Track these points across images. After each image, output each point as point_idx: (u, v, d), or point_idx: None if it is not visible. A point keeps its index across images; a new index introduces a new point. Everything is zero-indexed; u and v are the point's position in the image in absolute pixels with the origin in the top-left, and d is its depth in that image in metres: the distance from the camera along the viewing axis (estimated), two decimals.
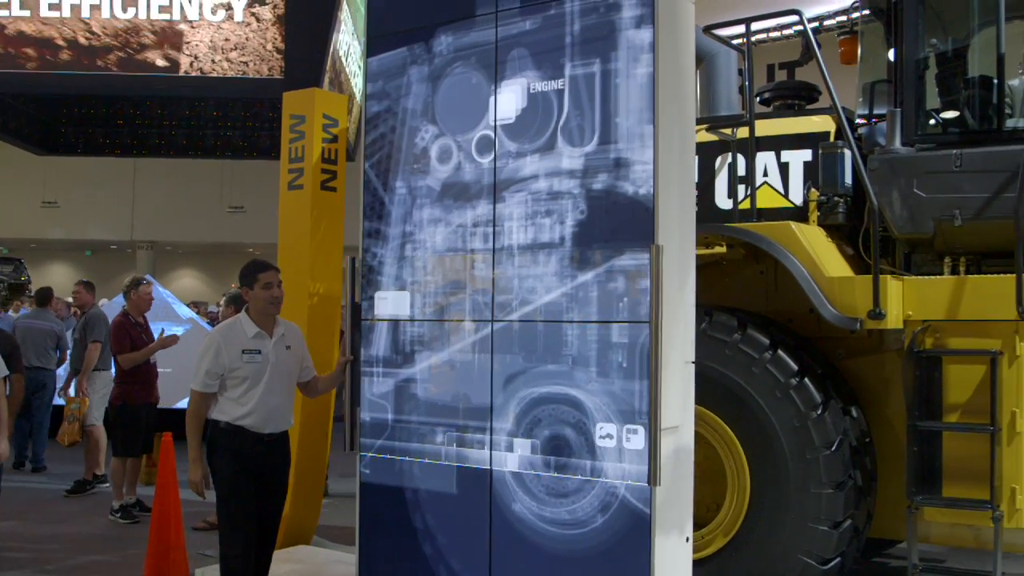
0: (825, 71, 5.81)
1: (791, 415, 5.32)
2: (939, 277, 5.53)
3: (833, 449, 5.24)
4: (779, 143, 6.25)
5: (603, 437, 4.17)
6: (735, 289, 6.16)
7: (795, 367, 5.38)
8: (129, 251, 30.83)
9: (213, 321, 14.69)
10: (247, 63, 15.37)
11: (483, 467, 4.56)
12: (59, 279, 28.11)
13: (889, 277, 5.41)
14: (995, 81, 5.58)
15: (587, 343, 4.25)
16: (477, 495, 4.57)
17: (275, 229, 6.75)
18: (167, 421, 8.26)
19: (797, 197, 6.17)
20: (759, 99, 6.82)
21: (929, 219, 5.54)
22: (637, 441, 4.07)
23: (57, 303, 13.09)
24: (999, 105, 5.59)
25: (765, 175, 6.24)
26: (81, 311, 10.10)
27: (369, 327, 5.05)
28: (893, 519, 5.63)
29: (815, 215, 5.99)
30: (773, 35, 15.68)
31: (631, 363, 4.11)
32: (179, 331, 10.66)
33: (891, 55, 6.16)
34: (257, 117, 19.97)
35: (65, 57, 14.99)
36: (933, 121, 5.85)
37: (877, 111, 6.57)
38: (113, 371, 8.74)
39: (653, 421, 4.00)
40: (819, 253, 5.61)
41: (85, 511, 8.88)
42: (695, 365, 4.37)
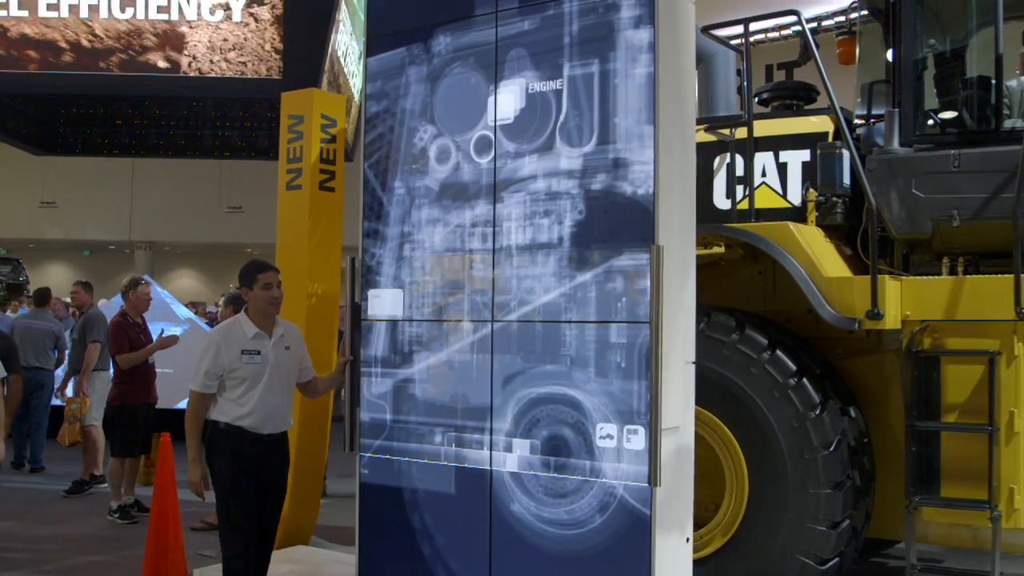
0: (823, 71, 5.82)
1: (789, 415, 5.32)
2: (937, 277, 5.53)
3: (831, 449, 5.24)
4: (777, 143, 6.25)
5: (603, 437, 4.17)
6: (733, 289, 6.16)
7: (793, 367, 5.38)
8: (127, 251, 30.82)
9: (212, 321, 14.69)
10: (245, 63, 15.37)
11: (482, 467, 4.55)
12: (57, 279, 28.09)
13: (887, 277, 5.42)
14: (993, 81, 5.58)
15: (587, 343, 4.24)
16: (476, 495, 4.57)
17: (273, 229, 6.75)
18: (167, 421, 8.24)
19: (795, 197, 6.17)
20: (757, 99, 6.82)
21: (927, 219, 5.55)
22: (637, 441, 4.07)
23: (56, 303, 13.08)
24: (997, 105, 5.59)
25: (763, 175, 6.24)
26: (79, 311, 10.09)
27: (367, 327, 5.06)
28: (891, 519, 5.63)
29: (813, 215, 5.99)
30: (771, 35, 15.67)
31: (632, 363, 4.11)
32: (177, 331, 10.64)
33: (889, 55, 6.16)
34: (255, 117, 19.95)
35: (67, 59, 15.00)
36: (931, 121, 5.85)
37: (875, 111, 6.57)
38: (111, 371, 8.74)
39: (654, 421, 4.00)
40: (817, 253, 5.61)
41: (83, 511, 8.87)
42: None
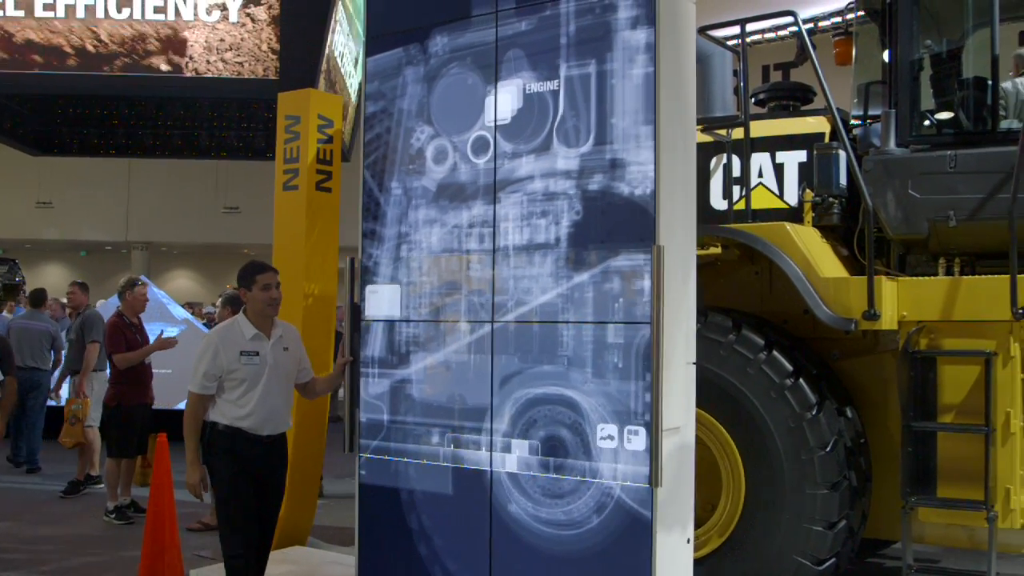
0: (820, 72, 5.83)
1: (786, 416, 5.33)
2: (934, 278, 5.54)
3: (828, 450, 5.24)
4: (774, 144, 6.26)
5: (604, 438, 4.17)
6: (730, 290, 6.16)
7: (790, 368, 5.39)
8: (124, 252, 30.76)
9: (210, 322, 14.68)
10: (242, 64, 15.36)
11: (480, 468, 4.55)
12: (54, 280, 28.04)
13: (884, 278, 5.42)
14: (989, 82, 5.59)
15: (588, 344, 4.24)
16: (474, 496, 4.56)
17: (270, 230, 6.75)
18: (165, 422, 8.24)
19: (792, 198, 6.18)
20: (754, 100, 6.83)
21: (924, 220, 5.55)
22: (638, 442, 4.07)
23: (53, 304, 13.07)
24: (993, 106, 5.60)
25: (760, 176, 6.24)
26: (76, 312, 10.08)
27: (365, 327, 5.05)
28: (888, 519, 5.64)
29: (810, 216, 6.00)
30: (768, 36, 15.70)
31: (632, 364, 4.10)
32: (174, 332, 10.64)
33: (886, 56, 6.17)
34: (252, 118, 19.91)
35: (72, 64, 15.02)
36: (927, 122, 5.86)
37: (872, 112, 6.58)
38: (108, 372, 8.73)
39: (655, 422, 4.00)
40: (814, 254, 5.61)
41: (80, 512, 8.86)
42: None
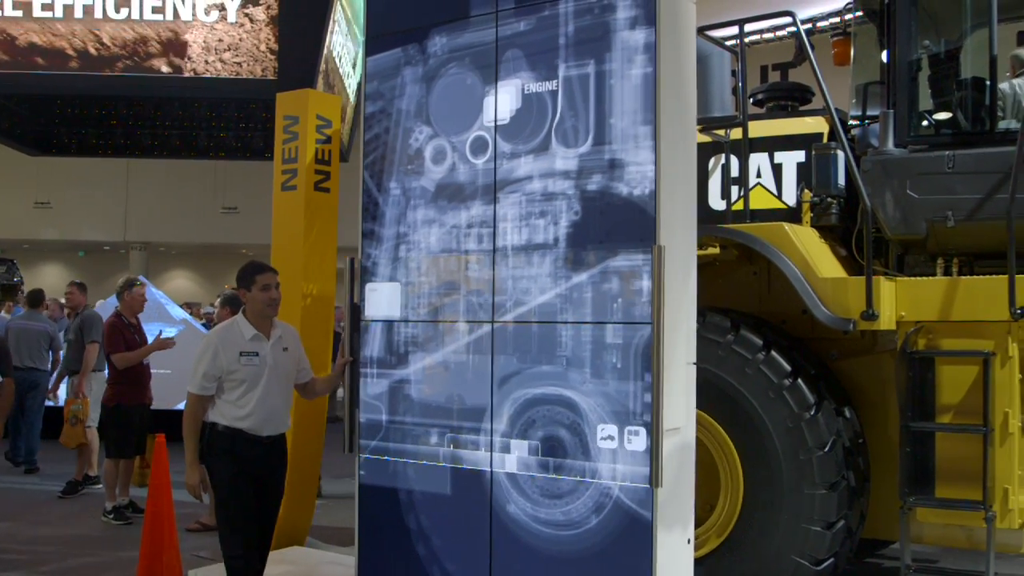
0: (818, 72, 5.83)
1: (784, 416, 5.33)
2: (932, 278, 5.54)
3: (826, 450, 5.24)
4: (772, 144, 6.26)
5: (604, 438, 4.16)
6: (728, 290, 6.16)
7: (788, 368, 5.39)
8: (122, 252, 30.73)
9: (209, 322, 14.66)
10: (240, 64, 15.36)
11: (480, 468, 4.54)
12: (52, 280, 28.01)
13: (882, 278, 5.43)
14: (987, 83, 5.59)
15: (587, 345, 4.23)
16: (474, 496, 4.56)
17: (269, 230, 6.74)
18: (164, 422, 8.23)
19: (790, 198, 6.18)
20: (752, 100, 6.83)
21: (922, 220, 5.55)
22: (639, 443, 4.07)
23: (52, 304, 13.06)
24: (991, 107, 5.60)
25: (758, 176, 6.25)
26: (74, 312, 10.07)
27: (364, 327, 5.05)
28: (886, 520, 5.64)
29: (808, 216, 6.00)
30: (766, 36, 15.72)
31: (633, 364, 4.10)
32: (173, 332, 10.63)
33: (884, 57, 6.17)
34: (251, 118, 19.90)
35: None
36: (926, 122, 5.86)
37: (870, 112, 6.58)
38: (106, 372, 8.72)
39: (655, 423, 3.99)
40: (812, 254, 5.62)
41: (78, 513, 8.86)
42: None
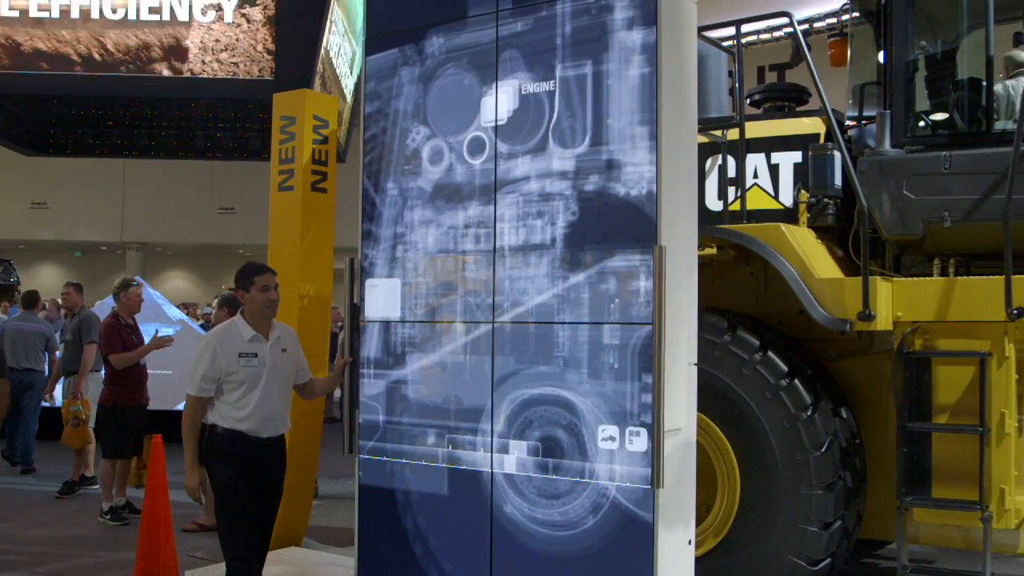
0: (815, 73, 5.83)
1: (781, 416, 5.33)
2: (928, 279, 5.54)
3: (823, 450, 5.25)
4: (769, 145, 6.27)
5: (605, 439, 4.16)
6: (725, 290, 6.16)
7: (785, 368, 5.39)
8: (119, 252, 30.73)
9: (207, 323, 14.65)
10: (237, 64, 15.35)
11: (478, 468, 4.54)
12: (48, 280, 28.03)
13: (879, 279, 5.43)
14: (984, 83, 5.60)
15: (587, 345, 4.23)
16: (473, 497, 4.55)
17: (265, 230, 6.74)
18: (163, 423, 8.22)
19: (787, 199, 6.19)
20: (749, 101, 6.83)
21: (918, 221, 5.56)
22: (639, 443, 4.07)
23: (50, 305, 13.05)
24: (988, 107, 5.61)
25: (755, 177, 6.26)
26: (70, 312, 10.06)
27: (364, 328, 5.04)
28: (883, 520, 5.64)
29: (805, 217, 6.01)
30: (763, 37, 15.75)
31: (634, 365, 4.10)
32: (170, 332, 10.62)
33: (881, 57, 6.18)
34: (247, 118, 19.87)
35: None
36: (922, 123, 5.87)
37: (867, 113, 6.59)
38: (103, 373, 8.71)
39: (657, 423, 3.99)
40: (809, 255, 5.62)
41: (75, 513, 8.85)
42: None
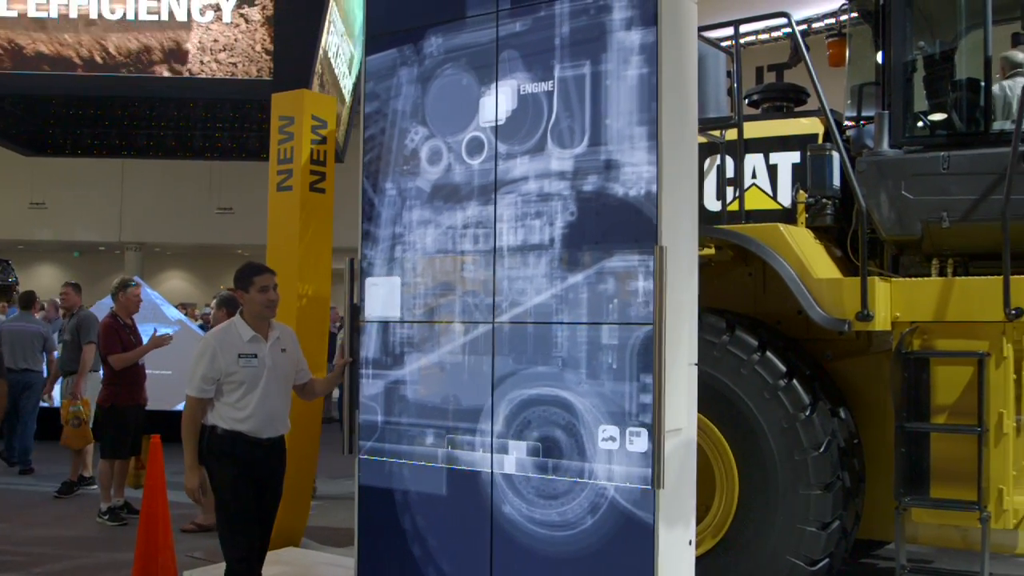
0: (813, 73, 5.83)
1: (779, 416, 5.33)
2: (927, 279, 5.54)
3: (821, 450, 5.25)
4: (767, 145, 6.27)
5: (606, 439, 4.16)
6: (723, 291, 6.16)
7: (783, 368, 5.39)
8: (117, 252, 30.71)
9: (206, 323, 14.63)
10: (236, 64, 15.33)
11: (477, 469, 4.54)
12: (47, 281, 28.01)
13: (877, 279, 5.43)
14: (982, 84, 5.61)
15: (588, 346, 4.23)
16: (472, 497, 4.55)
17: (264, 231, 6.74)
18: (161, 423, 8.22)
19: (785, 199, 6.19)
20: (748, 101, 6.84)
21: (917, 221, 5.56)
22: (640, 444, 4.07)
23: (48, 306, 13.04)
24: (986, 108, 5.62)
25: (754, 177, 6.26)
26: (69, 313, 10.05)
27: (364, 328, 5.03)
28: (881, 520, 5.64)
29: (803, 217, 6.01)
30: (762, 37, 15.76)
31: (635, 365, 4.09)
32: (168, 331, 10.60)
33: (879, 58, 6.18)
34: (246, 118, 19.85)
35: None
36: (921, 123, 5.87)
37: (865, 113, 6.60)
38: (101, 373, 8.71)
39: (657, 424, 3.99)
40: (807, 255, 5.62)
41: (73, 514, 8.84)
42: None
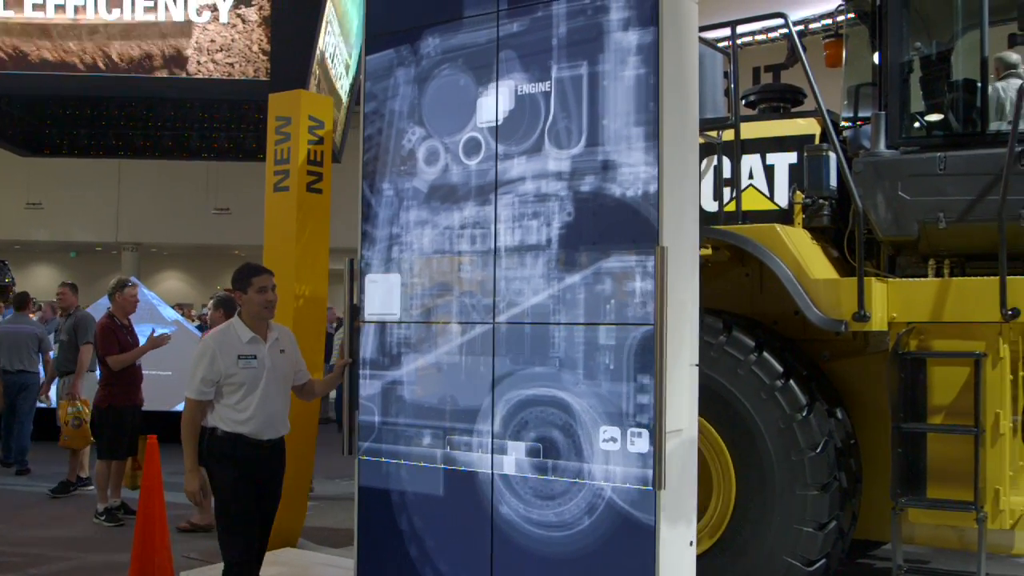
0: (810, 74, 5.84)
1: (776, 417, 5.33)
2: (923, 279, 5.55)
3: (818, 451, 5.25)
4: (764, 146, 6.27)
5: (607, 440, 4.16)
6: (720, 291, 6.16)
7: (780, 369, 5.39)
8: (114, 253, 30.65)
9: (203, 323, 14.61)
10: (233, 64, 15.31)
11: (475, 469, 4.54)
12: (43, 281, 27.97)
13: (874, 279, 5.43)
14: (979, 84, 5.61)
15: (587, 346, 4.23)
16: (471, 497, 4.55)
17: (261, 231, 6.74)
18: (159, 424, 8.21)
19: (782, 199, 6.19)
20: (744, 102, 6.84)
21: (913, 221, 5.57)
22: (640, 444, 4.06)
23: (45, 307, 13.03)
24: (983, 108, 5.62)
25: (750, 177, 6.26)
26: (65, 313, 10.04)
27: (363, 329, 5.03)
28: (878, 520, 5.65)
29: (800, 217, 6.02)
30: (759, 38, 15.75)
31: (630, 366, 4.09)
32: (165, 331, 10.59)
33: (876, 58, 6.19)
34: (243, 119, 19.83)
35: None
36: (917, 124, 5.88)
37: (862, 114, 6.60)
38: (98, 373, 8.70)
39: (658, 424, 3.99)
40: (804, 255, 5.62)
41: (70, 514, 8.83)
42: None
